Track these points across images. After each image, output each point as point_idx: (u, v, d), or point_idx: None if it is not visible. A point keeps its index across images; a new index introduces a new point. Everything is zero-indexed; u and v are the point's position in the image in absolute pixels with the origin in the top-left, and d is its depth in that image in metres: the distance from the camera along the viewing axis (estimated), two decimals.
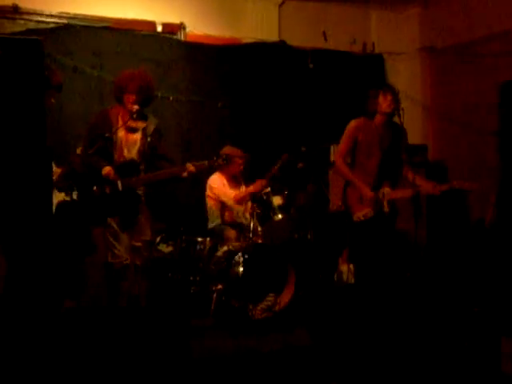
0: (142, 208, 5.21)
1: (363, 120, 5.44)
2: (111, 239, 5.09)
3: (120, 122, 5.10)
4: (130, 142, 5.15)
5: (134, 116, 5.05)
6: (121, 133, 5.11)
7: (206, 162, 5.23)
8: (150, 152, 5.16)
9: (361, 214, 5.35)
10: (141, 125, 5.15)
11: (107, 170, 4.98)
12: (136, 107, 5.03)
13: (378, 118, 5.41)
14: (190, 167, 5.11)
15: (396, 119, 5.38)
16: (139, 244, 5.19)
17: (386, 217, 5.36)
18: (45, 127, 3.17)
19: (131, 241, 5.16)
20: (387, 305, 5.22)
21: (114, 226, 5.08)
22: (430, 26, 8.01)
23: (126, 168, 5.06)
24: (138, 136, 5.16)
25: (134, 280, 5.17)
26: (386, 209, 5.35)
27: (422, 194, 5.30)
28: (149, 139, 5.13)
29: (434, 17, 7.95)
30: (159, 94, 6.49)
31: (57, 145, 5.89)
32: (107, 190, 4.99)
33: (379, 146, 5.40)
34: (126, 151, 5.13)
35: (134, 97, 5.04)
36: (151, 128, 5.17)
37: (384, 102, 5.33)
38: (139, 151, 5.14)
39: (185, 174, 5.13)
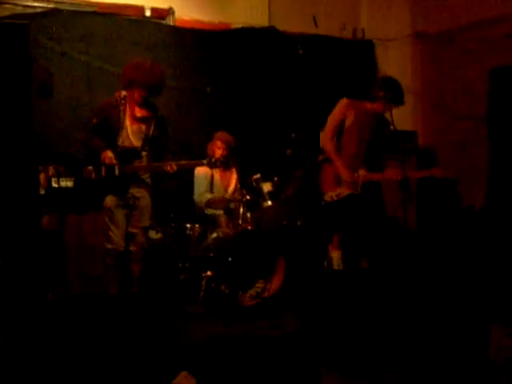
0: (147, 195, 5.23)
1: (355, 101, 5.48)
2: (108, 223, 5.11)
3: (127, 110, 5.12)
4: (136, 130, 5.17)
5: (123, 101, 5.06)
6: (127, 120, 5.13)
7: (190, 162, 5.33)
8: (153, 141, 5.17)
9: (334, 193, 5.39)
10: (146, 114, 5.17)
11: (108, 153, 5.00)
12: (124, 93, 5.04)
13: (372, 106, 5.44)
14: (172, 166, 5.10)
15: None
16: (136, 231, 5.20)
17: (360, 199, 5.40)
18: (31, 112, 3.14)
19: (128, 227, 5.16)
20: (377, 291, 5.24)
21: (114, 209, 5.09)
22: (420, 11, 7.98)
23: (127, 154, 5.09)
24: (143, 125, 5.18)
25: (127, 267, 5.17)
26: (358, 190, 5.39)
27: (389, 179, 5.39)
28: (152, 128, 5.15)
29: (425, 2, 7.91)
30: None
31: (44, 131, 5.87)
32: (103, 173, 5.00)
33: (368, 130, 5.44)
34: (131, 139, 5.16)
35: (142, 92, 5.05)
36: (155, 117, 5.19)
37: (382, 108, 5.39)
38: (143, 140, 5.15)
39: (166, 171, 5.12)
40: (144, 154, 5.17)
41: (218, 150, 6.21)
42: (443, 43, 7.72)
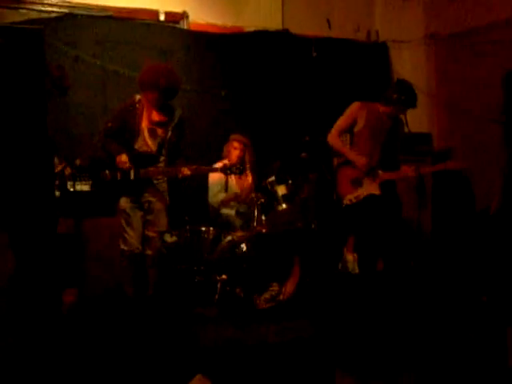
0: (161, 199, 5.23)
1: (367, 104, 5.50)
2: (124, 224, 5.12)
3: (144, 114, 5.13)
4: (153, 134, 5.17)
5: (137, 105, 5.09)
6: (144, 124, 5.14)
7: (204, 168, 5.34)
8: (170, 146, 5.16)
9: (352, 196, 5.41)
10: (164, 118, 5.16)
11: (122, 157, 5.01)
12: (138, 97, 5.07)
13: (383, 108, 5.46)
14: (186, 171, 5.09)
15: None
16: (152, 234, 5.21)
17: (379, 200, 5.40)
18: (45, 116, 3.16)
19: (145, 230, 5.18)
20: (392, 293, 5.22)
21: (129, 211, 5.11)
22: (434, 13, 7.95)
23: (143, 158, 5.10)
24: (160, 129, 5.18)
25: (144, 269, 5.19)
26: (377, 191, 5.39)
27: (404, 176, 5.42)
28: (169, 133, 5.14)
29: (439, 4, 7.88)
30: None
31: (58, 134, 5.90)
32: (118, 176, 5.03)
33: (381, 131, 5.45)
34: (148, 143, 5.16)
35: (155, 94, 5.05)
36: (174, 122, 5.17)
37: (395, 111, 5.40)
38: (159, 144, 5.15)
39: (180, 176, 5.10)
40: (161, 158, 5.17)
41: (234, 150, 6.23)
42: (457, 45, 7.69)
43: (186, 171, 5.07)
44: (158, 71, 5.05)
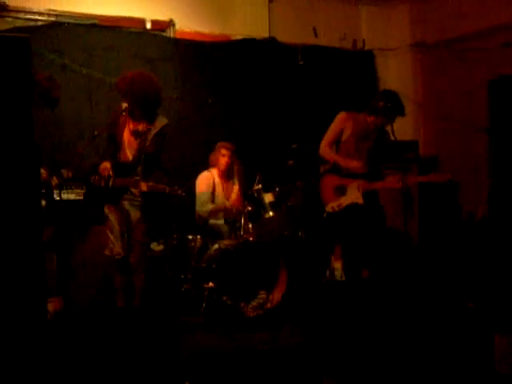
0: (135, 209, 5.16)
1: (354, 114, 5.51)
2: (109, 234, 5.11)
3: (126, 122, 5.10)
4: (132, 144, 5.12)
5: (124, 114, 5.03)
6: (126, 133, 5.10)
7: (165, 187, 4.98)
8: (146, 156, 5.07)
9: (335, 204, 5.43)
10: (143, 128, 5.08)
11: (103, 164, 5.00)
12: (124, 105, 4.99)
13: (371, 118, 5.47)
14: (143, 187, 4.98)
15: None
16: (133, 243, 5.17)
17: (361, 209, 5.42)
18: (32, 125, 3.14)
19: (128, 239, 5.15)
20: (378, 301, 5.23)
21: (112, 219, 5.09)
22: (420, 21, 8.01)
23: (122, 168, 5.05)
24: (138, 139, 5.11)
25: (129, 277, 5.16)
26: (360, 201, 5.42)
27: (390, 186, 5.51)
28: (147, 143, 5.05)
29: (425, 12, 7.94)
30: None
31: (44, 143, 5.88)
32: (102, 183, 5.01)
33: (367, 141, 5.47)
34: (127, 153, 5.12)
35: (127, 103, 4.98)
36: (153, 132, 5.10)
37: (381, 120, 5.42)
38: (134, 155, 5.09)
39: (138, 190, 5.00)
40: (139, 169, 5.06)
41: (222, 157, 6.22)
42: (443, 53, 7.74)
43: (144, 187, 4.96)
44: (130, 78, 4.95)
